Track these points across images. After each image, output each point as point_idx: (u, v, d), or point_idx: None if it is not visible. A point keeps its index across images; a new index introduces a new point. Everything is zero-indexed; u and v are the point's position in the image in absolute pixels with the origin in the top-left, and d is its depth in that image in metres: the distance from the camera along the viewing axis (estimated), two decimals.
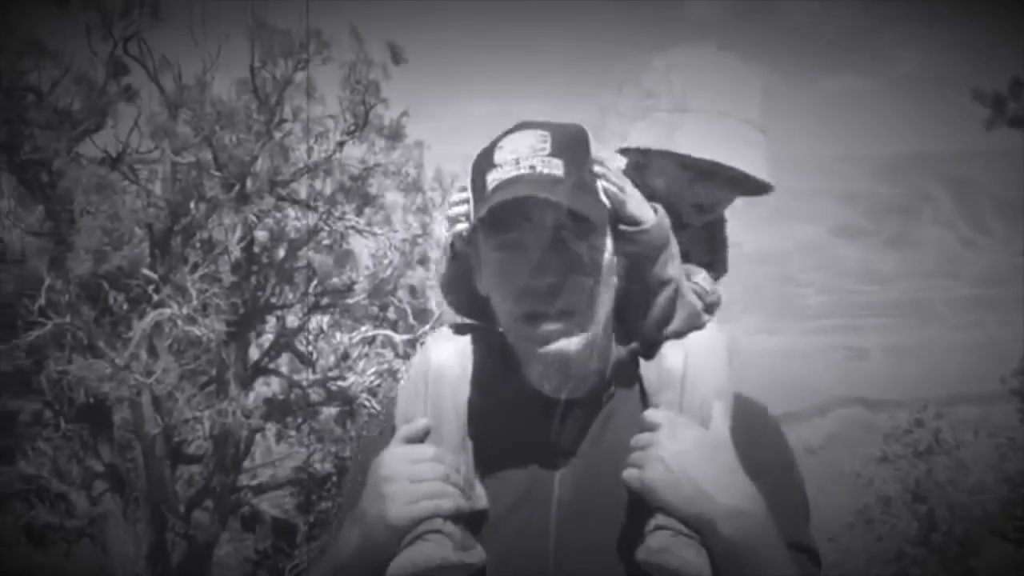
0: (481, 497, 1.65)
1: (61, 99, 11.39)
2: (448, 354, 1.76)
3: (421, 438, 1.65)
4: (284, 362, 15.28)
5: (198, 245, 13.21)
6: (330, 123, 13.37)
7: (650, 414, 1.58)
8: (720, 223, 1.99)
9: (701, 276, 1.85)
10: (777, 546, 1.51)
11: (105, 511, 12.38)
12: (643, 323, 1.73)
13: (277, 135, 12.84)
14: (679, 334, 1.73)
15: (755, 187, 1.82)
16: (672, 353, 1.70)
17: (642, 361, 1.73)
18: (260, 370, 14.40)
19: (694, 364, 1.68)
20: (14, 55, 10.59)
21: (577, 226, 1.56)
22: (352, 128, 13.27)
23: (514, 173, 1.56)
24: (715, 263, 1.96)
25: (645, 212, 1.67)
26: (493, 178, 1.59)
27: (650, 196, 1.75)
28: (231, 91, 12.85)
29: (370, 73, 12.94)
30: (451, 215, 1.71)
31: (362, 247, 14.67)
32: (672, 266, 1.71)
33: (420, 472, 1.56)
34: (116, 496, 12.48)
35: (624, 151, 1.89)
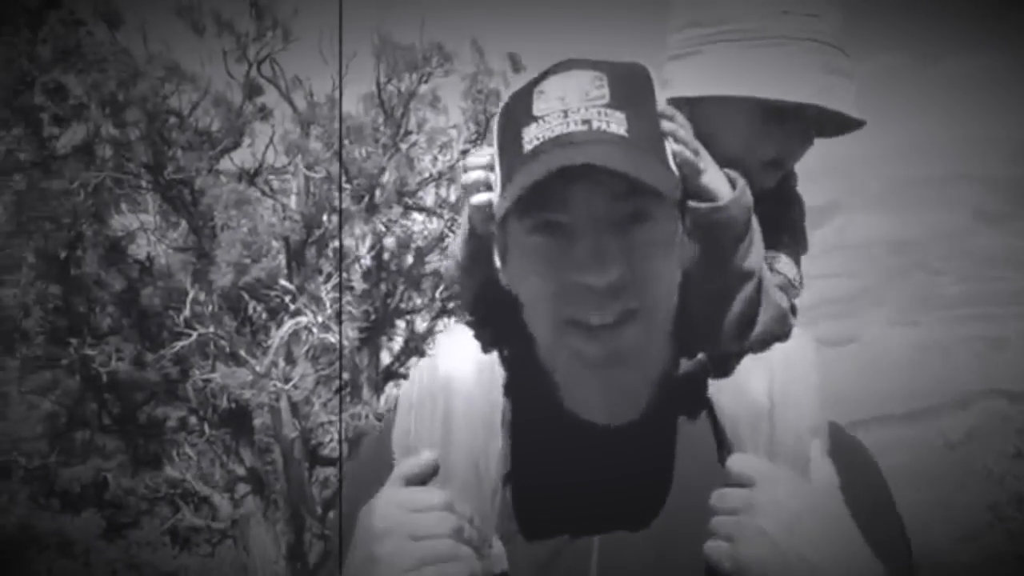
0: (500, 558, 1.27)
1: (201, 120, 11.98)
2: (463, 364, 1.37)
3: (426, 478, 1.26)
4: (414, 365, 15.60)
5: (331, 255, 13.63)
6: (453, 133, 13.71)
7: (739, 463, 1.21)
8: (792, 179, 1.54)
9: (783, 260, 1.45)
10: None
11: (247, 513, 12.92)
12: (715, 330, 1.34)
13: (403, 147, 13.18)
14: (762, 344, 1.35)
15: (839, 125, 1.44)
16: (755, 372, 1.32)
17: (712, 381, 1.34)
18: (391, 374, 14.79)
19: (784, 388, 1.29)
20: (156, 81, 11.14)
21: (644, 202, 1.18)
22: (474, 136, 13.54)
23: (562, 130, 1.18)
24: (793, 236, 1.51)
25: (721, 184, 1.30)
26: (533, 135, 1.19)
27: None
28: (359, 106, 13.30)
29: (491, 83, 13.21)
30: (469, 182, 1.32)
31: None
32: (754, 254, 1.33)
33: (425, 526, 1.19)
34: (257, 498, 13.01)
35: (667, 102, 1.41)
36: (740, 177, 1.32)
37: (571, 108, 1.19)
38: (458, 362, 1.38)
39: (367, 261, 14.05)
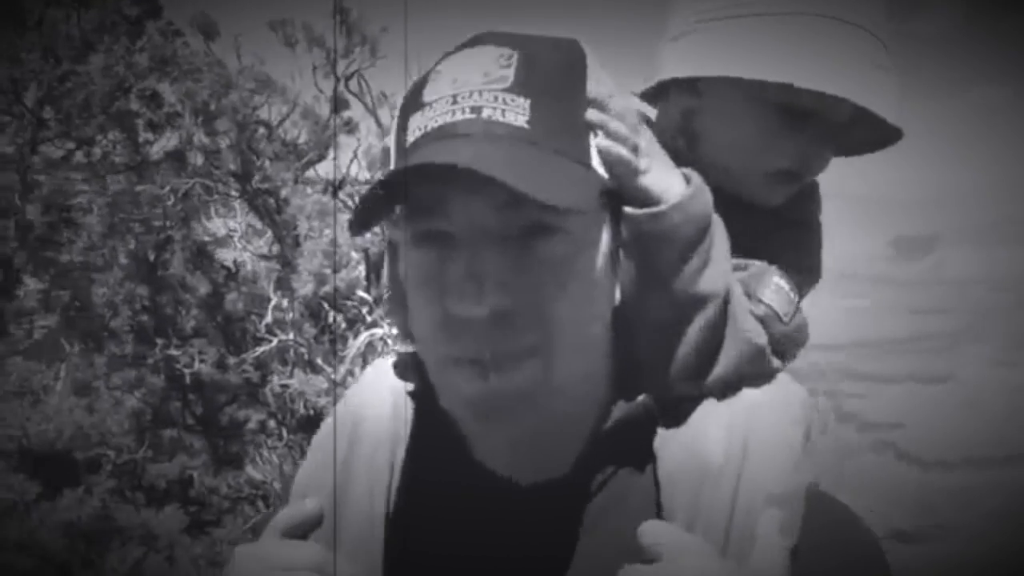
0: None
1: (289, 132, 12.37)
2: (378, 401, 1.16)
3: (306, 529, 1.00)
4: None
5: None
6: None
7: (648, 532, 0.93)
8: (814, 202, 1.28)
9: (772, 288, 1.15)
10: None
11: None
12: (661, 368, 1.08)
13: None
14: (726, 387, 1.09)
15: (872, 135, 1.18)
16: (712, 423, 1.06)
17: (661, 429, 1.08)
18: None
19: (745, 444, 1.04)
20: (247, 92, 11.55)
21: (544, 211, 0.94)
22: None
23: (446, 120, 0.96)
24: (798, 264, 1.22)
25: (672, 186, 1.04)
26: (416, 125, 0.99)
27: (699, 160, 1.14)
28: None
29: None
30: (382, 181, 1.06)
31: None
32: (712, 275, 1.06)
33: None
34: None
35: (658, 90, 1.22)
36: (695, 175, 1.07)
37: (462, 92, 0.97)
38: (374, 398, 1.17)
39: None
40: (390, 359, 1.21)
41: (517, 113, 0.95)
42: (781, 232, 1.22)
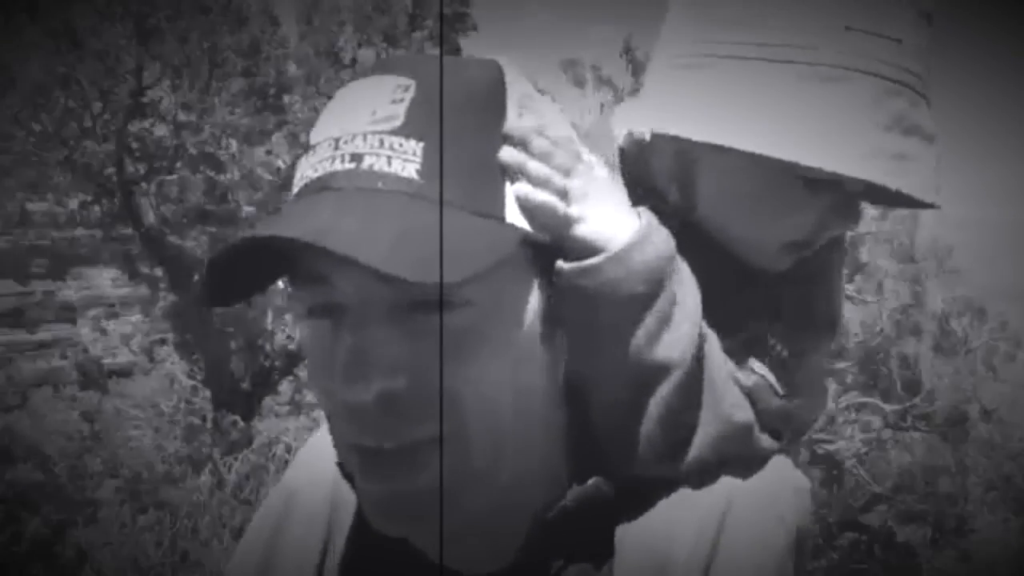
0: None
1: None
2: (318, 476, 1.01)
3: None
4: None
5: None
6: None
7: None
8: (830, 247, 1.03)
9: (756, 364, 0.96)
10: None
11: None
12: (625, 447, 0.90)
13: None
14: (704, 474, 0.90)
15: (906, 198, 0.91)
16: (677, 515, 0.88)
17: (623, 520, 0.90)
18: None
19: (711, 542, 0.86)
20: None
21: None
22: None
23: (325, 169, 0.80)
24: (812, 323, 1.03)
25: (615, 231, 0.85)
26: (302, 173, 0.83)
27: (695, 214, 0.99)
28: None
29: None
30: None
31: (853, 313, 14.58)
32: (674, 336, 0.87)
33: None
34: None
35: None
36: (646, 213, 0.88)
37: (346, 134, 0.80)
38: (310, 473, 1.02)
39: None
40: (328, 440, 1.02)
41: (405, 160, 0.78)
42: (786, 289, 1.01)
